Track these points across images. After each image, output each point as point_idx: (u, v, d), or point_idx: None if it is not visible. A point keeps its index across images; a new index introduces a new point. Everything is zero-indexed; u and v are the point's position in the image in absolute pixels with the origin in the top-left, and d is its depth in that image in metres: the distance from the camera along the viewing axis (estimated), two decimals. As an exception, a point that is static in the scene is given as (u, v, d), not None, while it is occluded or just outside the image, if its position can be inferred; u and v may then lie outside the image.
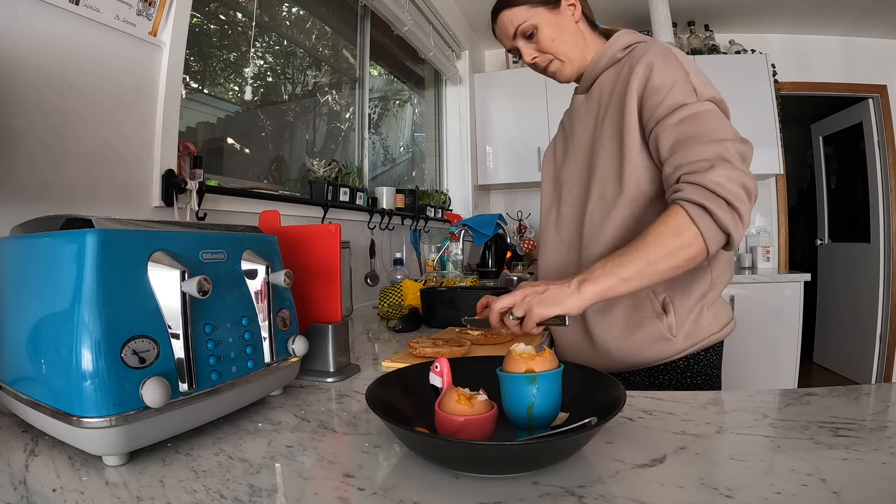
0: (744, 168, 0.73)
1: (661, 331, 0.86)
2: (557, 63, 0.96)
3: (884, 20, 3.13)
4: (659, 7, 2.67)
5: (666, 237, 0.72)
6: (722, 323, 0.92)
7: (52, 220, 0.54)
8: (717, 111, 0.79)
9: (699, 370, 0.90)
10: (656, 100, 0.81)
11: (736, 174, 0.72)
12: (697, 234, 0.72)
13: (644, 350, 0.89)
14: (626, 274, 0.72)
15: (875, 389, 0.68)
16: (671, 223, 0.72)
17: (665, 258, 0.72)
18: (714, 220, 0.71)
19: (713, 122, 0.77)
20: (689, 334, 0.88)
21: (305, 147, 2.08)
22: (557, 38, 0.94)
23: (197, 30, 1.50)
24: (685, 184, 0.74)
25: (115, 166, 0.99)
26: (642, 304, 0.88)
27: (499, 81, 3.38)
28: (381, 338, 1.21)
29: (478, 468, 0.44)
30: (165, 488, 0.44)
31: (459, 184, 3.25)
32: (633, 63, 0.86)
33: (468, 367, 0.62)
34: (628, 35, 0.94)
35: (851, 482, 0.41)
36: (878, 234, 3.49)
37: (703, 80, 0.82)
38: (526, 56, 0.97)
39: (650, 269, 0.72)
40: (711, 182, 0.71)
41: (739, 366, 2.73)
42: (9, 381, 0.54)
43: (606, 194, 0.90)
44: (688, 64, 0.84)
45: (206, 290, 0.50)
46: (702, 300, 0.89)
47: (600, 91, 0.95)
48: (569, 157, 1.02)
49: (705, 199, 0.71)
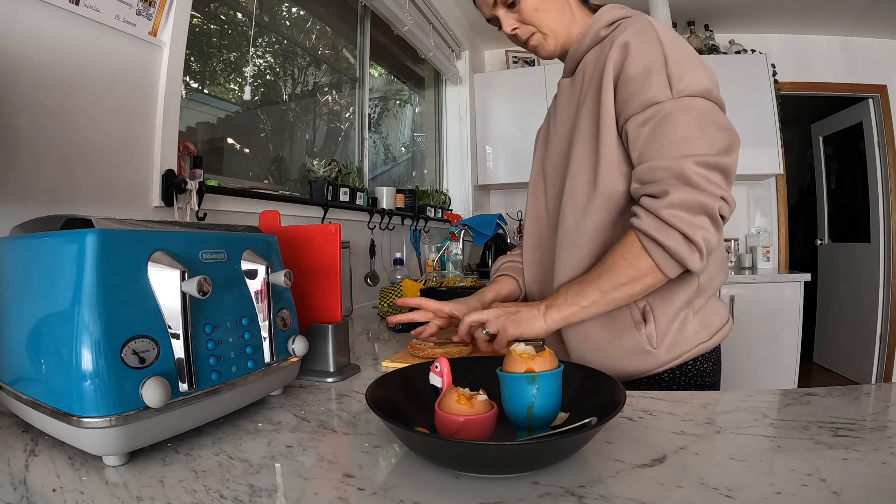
0: (707, 186, 0.67)
1: (640, 342, 0.79)
2: (539, 36, 0.87)
3: (884, 20, 3.13)
4: (659, 7, 2.67)
5: (622, 268, 0.72)
6: (712, 330, 0.84)
7: (52, 220, 0.54)
8: (691, 110, 0.71)
9: (688, 381, 0.82)
10: (628, 92, 0.74)
11: (695, 198, 0.67)
12: (653, 266, 0.70)
13: (622, 363, 0.81)
14: (584, 302, 0.74)
15: (875, 389, 0.68)
16: (627, 254, 0.72)
17: (622, 287, 0.72)
18: (668, 254, 0.69)
19: (682, 128, 0.70)
20: (672, 345, 0.80)
21: (305, 147, 2.08)
22: (542, 9, 0.85)
23: (197, 30, 1.50)
24: (642, 209, 0.71)
25: (115, 166, 0.99)
26: (620, 314, 0.80)
27: (499, 81, 3.38)
28: (381, 338, 1.21)
29: (478, 468, 0.44)
30: (165, 488, 0.44)
31: (459, 184, 3.25)
32: (613, 42, 0.77)
33: (468, 367, 0.62)
34: (614, 10, 0.83)
35: (851, 482, 0.40)
36: (878, 234, 3.49)
37: (686, 67, 0.72)
38: (506, 26, 0.88)
39: (607, 297, 0.73)
40: (666, 212, 0.68)
41: (739, 366, 2.73)
42: (9, 381, 0.54)
43: (578, 192, 0.82)
44: (671, 46, 0.73)
45: (206, 290, 0.50)
46: (687, 307, 0.81)
47: (583, 74, 0.85)
48: (551, 147, 0.94)
49: (658, 233, 0.68)
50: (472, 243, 2.68)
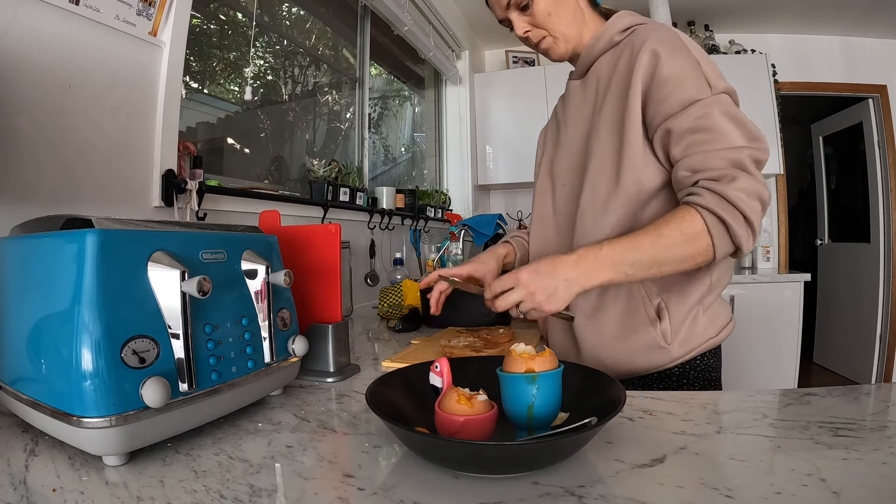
0: (760, 177, 0.71)
1: (655, 338, 0.82)
2: (550, 40, 0.89)
3: (884, 20, 3.13)
4: (659, 7, 2.67)
5: (678, 243, 0.71)
6: (719, 326, 0.88)
7: (52, 220, 0.54)
8: (731, 106, 0.75)
9: (696, 376, 0.86)
10: (664, 93, 0.76)
11: (754, 186, 0.70)
12: (710, 246, 0.71)
13: (636, 358, 0.84)
14: (631, 270, 0.72)
15: (875, 389, 0.68)
16: (687, 229, 0.71)
17: (673, 263, 0.72)
18: (729, 234, 0.70)
19: (729, 122, 0.73)
20: (684, 341, 0.83)
21: (305, 147, 2.08)
22: (554, 13, 0.86)
23: (197, 30, 1.50)
24: (705, 190, 0.72)
25: (115, 166, 0.99)
26: (636, 310, 0.83)
27: (499, 81, 3.38)
28: (381, 338, 1.21)
29: (478, 468, 0.44)
30: (165, 488, 0.44)
31: (459, 184, 3.25)
32: (636, 48, 0.80)
33: (468, 367, 0.62)
34: (627, 16, 0.87)
35: (851, 482, 0.40)
36: (878, 234, 3.49)
37: (714, 70, 0.77)
38: (518, 29, 0.89)
39: (653, 270, 0.72)
40: (733, 194, 0.69)
41: (740, 366, 2.73)
42: (9, 381, 0.54)
43: (600, 190, 0.84)
44: (696, 51, 0.78)
45: (206, 290, 0.50)
46: (698, 304, 0.84)
47: (597, 77, 0.89)
48: (562, 147, 0.96)
49: (725, 212, 0.69)
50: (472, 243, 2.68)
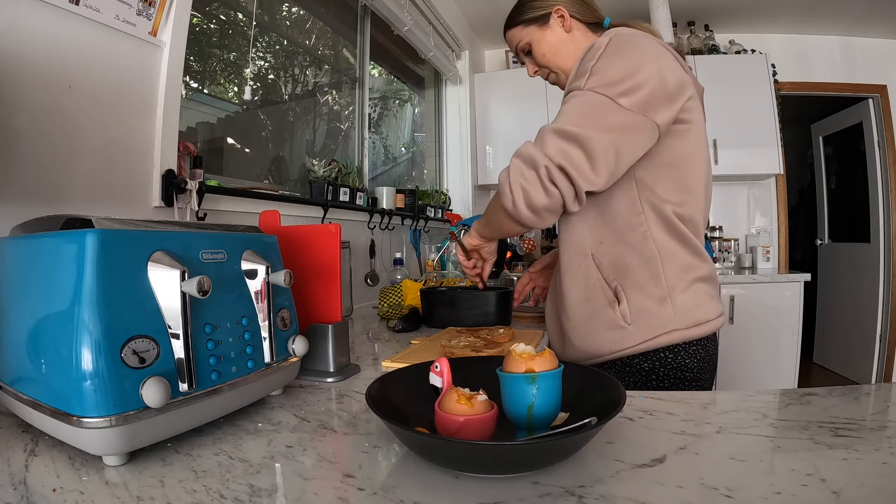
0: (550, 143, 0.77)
1: (615, 318, 0.87)
2: (554, 76, 1.04)
3: (883, 20, 3.13)
4: (659, 7, 2.67)
5: (496, 203, 0.88)
6: (694, 320, 0.86)
7: (52, 220, 0.54)
8: (589, 101, 0.79)
9: (665, 373, 0.86)
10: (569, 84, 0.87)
11: (527, 149, 0.80)
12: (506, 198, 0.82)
13: (600, 337, 0.89)
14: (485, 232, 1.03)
15: (875, 389, 0.68)
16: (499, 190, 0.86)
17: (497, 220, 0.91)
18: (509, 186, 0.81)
19: (572, 111, 0.80)
20: (645, 325, 0.85)
21: (305, 147, 2.08)
22: (549, 53, 1.00)
23: (197, 30, 1.50)
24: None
25: (115, 166, 0.99)
26: (595, 293, 0.90)
27: (499, 81, 3.38)
28: (381, 338, 1.21)
29: (478, 468, 0.44)
30: (165, 488, 0.44)
31: (459, 184, 3.25)
32: None
33: (468, 367, 0.62)
34: (606, 36, 0.87)
35: (851, 482, 0.40)
36: (878, 234, 3.49)
37: (608, 72, 0.79)
38: (529, 70, 1.07)
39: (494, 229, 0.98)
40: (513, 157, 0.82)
41: (739, 366, 2.73)
42: (9, 381, 0.54)
43: None
44: (630, 54, 0.81)
45: (206, 290, 0.50)
46: (662, 292, 0.86)
47: None
48: None
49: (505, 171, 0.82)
50: (471, 243, 2.67)
